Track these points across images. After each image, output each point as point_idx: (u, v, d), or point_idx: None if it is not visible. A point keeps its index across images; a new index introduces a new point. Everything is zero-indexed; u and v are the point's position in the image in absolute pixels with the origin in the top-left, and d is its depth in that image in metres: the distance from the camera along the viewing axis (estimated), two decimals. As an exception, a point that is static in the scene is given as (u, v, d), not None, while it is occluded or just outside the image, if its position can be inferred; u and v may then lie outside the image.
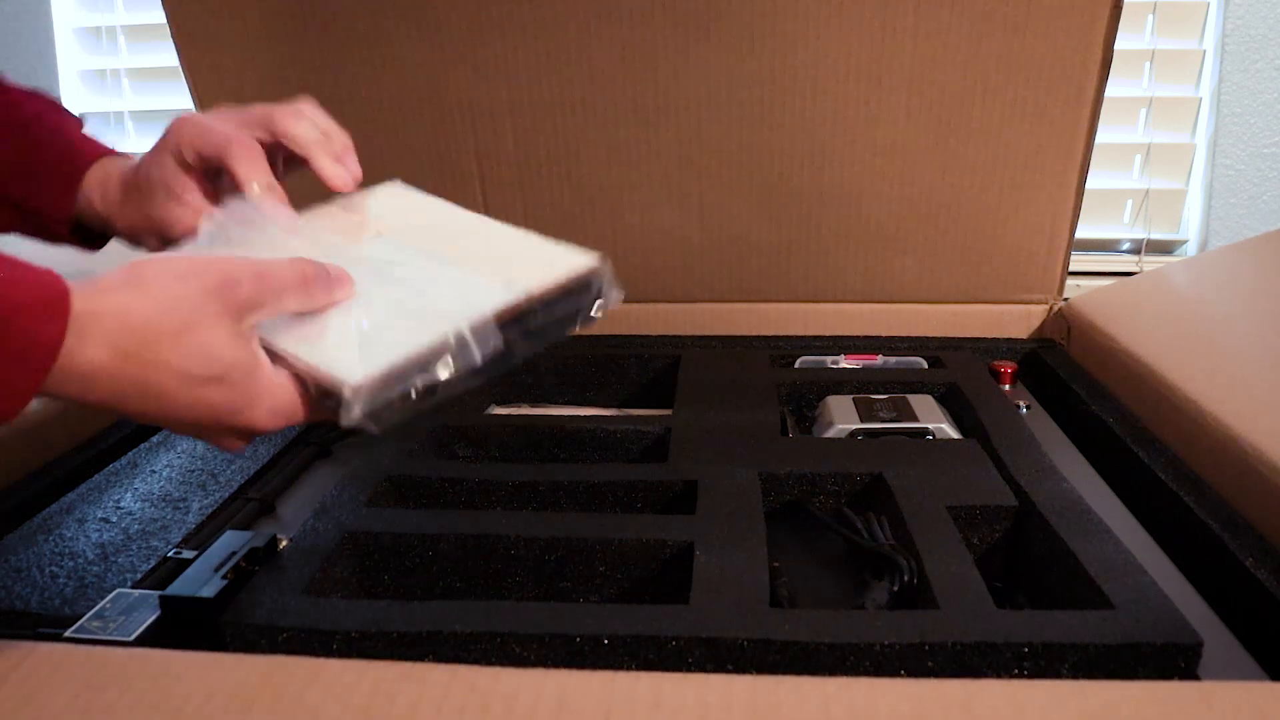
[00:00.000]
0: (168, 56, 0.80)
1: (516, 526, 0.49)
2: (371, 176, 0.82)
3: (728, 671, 0.38)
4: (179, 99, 1.13)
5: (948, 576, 0.43)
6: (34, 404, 0.62)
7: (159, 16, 0.78)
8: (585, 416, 0.66)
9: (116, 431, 0.68)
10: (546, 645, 0.39)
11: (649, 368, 0.75)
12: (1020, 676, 0.38)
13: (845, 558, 0.51)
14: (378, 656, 0.40)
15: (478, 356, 0.39)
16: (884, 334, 0.84)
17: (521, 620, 0.40)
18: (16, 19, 1.16)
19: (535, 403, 0.77)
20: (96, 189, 0.52)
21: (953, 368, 0.72)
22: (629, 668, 0.39)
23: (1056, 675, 0.38)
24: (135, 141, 1.21)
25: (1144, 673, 0.38)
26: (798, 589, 0.48)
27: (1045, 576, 0.48)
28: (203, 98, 0.82)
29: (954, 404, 0.67)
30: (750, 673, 0.38)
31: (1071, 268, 0.81)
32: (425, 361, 0.38)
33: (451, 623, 0.40)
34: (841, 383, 0.69)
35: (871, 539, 0.49)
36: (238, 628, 0.41)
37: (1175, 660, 0.38)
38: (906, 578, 0.45)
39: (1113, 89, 0.72)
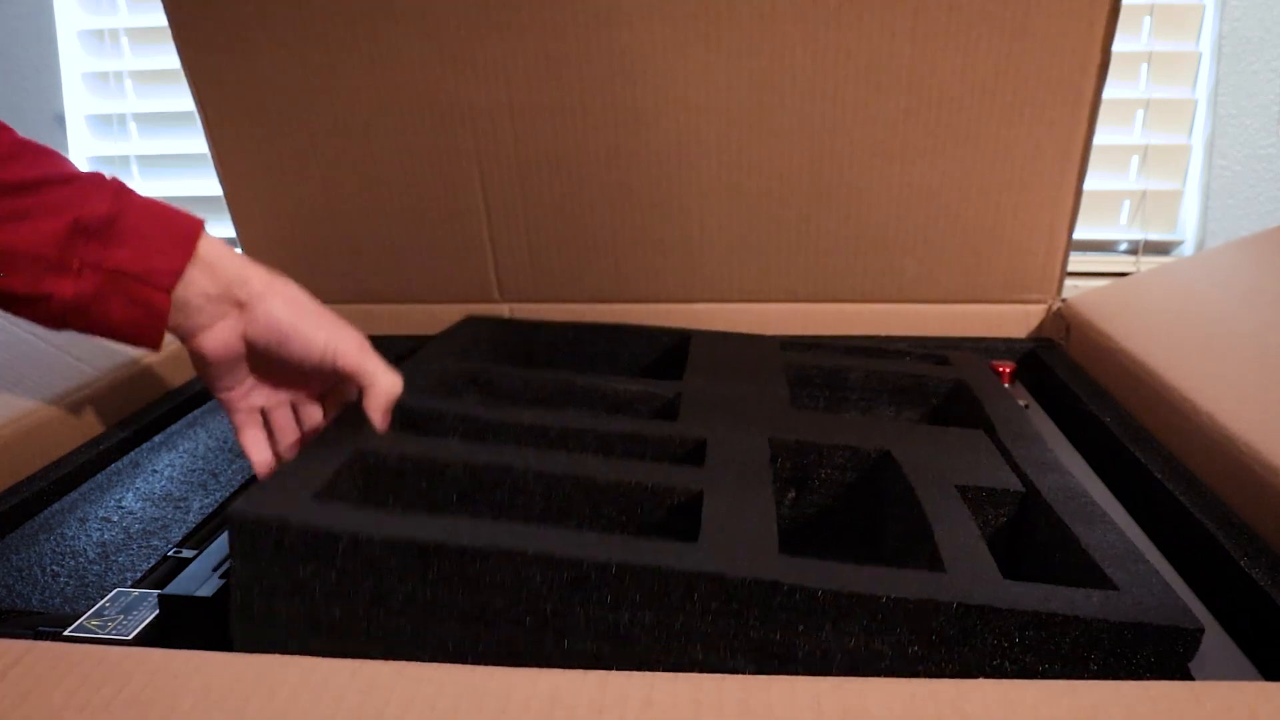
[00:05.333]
0: (171, 59, 0.80)
1: (526, 460, 0.48)
2: (373, 176, 0.83)
3: (733, 611, 0.38)
4: (182, 101, 1.14)
5: (956, 544, 0.43)
6: (36, 404, 0.63)
7: (162, 19, 0.78)
8: (596, 376, 0.64)
9: (118, 432, 0.68)
10: (554, 568, 0.38)
11: (658, 344, 0.74)
12: (1022, 646, 0.38)
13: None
14: (384, 566, 0.39)
15: None
16: (883, 334, 0.84)
17: (530, 540, 0.39)
18: (20, 21, 1.17)
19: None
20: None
21: (959, 365, 0.72)
22: (634, 599, 0.38)
23: (1057, 648, 0.38)
24: (138, 143, 1.21)
25: (1143, 654, 0.38)
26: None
27: (1049, 562, 0.48)
28: (204, 100, 0.82)
29: (961, 400, 0.67)
30: (755, 613, 0.38)
31: (1069, 268, 0.81)
32: None
33: (461, 536, 0.39)
34: (850, 368, 0.68)
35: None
36: (245, 523, 0.40)
37: (1175, 645, 0.38)
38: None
39: (1110, 90, 0.72)
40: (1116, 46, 0.71)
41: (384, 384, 0.50)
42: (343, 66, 0.79)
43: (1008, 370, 0.74)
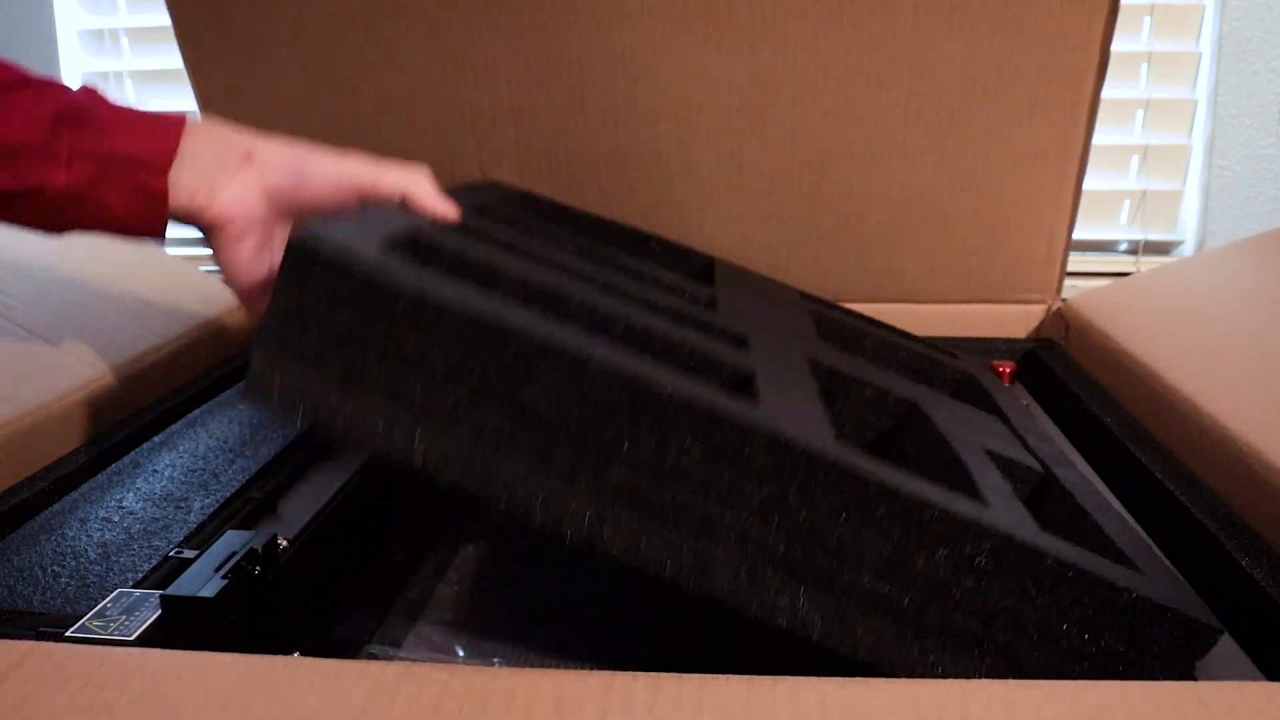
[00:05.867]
0: (171, 59, 0.80)
1: (579, 291, 0.45)
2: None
3: (782, 478, 0.36)
4: (182, 101, 1.14)
5: (995, 489, 0.42)
6: (36, 404, 0.63)
7: (162, 19, 0.78)
8: (634, 260, 0.61)
9: (118, 431, 0.68)
10: (614, 385, 0.36)
11: (683, 261, 0.70)
12: (1048, 599, 0.37)
13: None
14: (439, 333, 0.37)
15: None
16: (883, 334, 0.84)
17: (599, 350, 0.36)
18: (20, 21, 1.17)
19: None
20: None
21: (967, 362, 0.71)
22: (685, 440, 0.36)
23: (1081, 611, 0.37)
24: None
25: (1156, 641, 0.37)
26: None
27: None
28: (206, 100, 0.82)
29: (971, 396, 0.67)
30: (803, 487, 0.36)
31: (1069, 268, 0.81)
32: None
33: (531, 326, 0.36)
34: (867, 334, 0.67)
35: None
36: (307, 248, 0.37)
37: (1189, 640, 0.37)
38: None
39: (1110, 90, 0.72)
40: (1116, 46, 0.71)
41: (413, 177, 0.50)
42: (343, 66, 0.79)
43: (1008, 370, 0.74)
